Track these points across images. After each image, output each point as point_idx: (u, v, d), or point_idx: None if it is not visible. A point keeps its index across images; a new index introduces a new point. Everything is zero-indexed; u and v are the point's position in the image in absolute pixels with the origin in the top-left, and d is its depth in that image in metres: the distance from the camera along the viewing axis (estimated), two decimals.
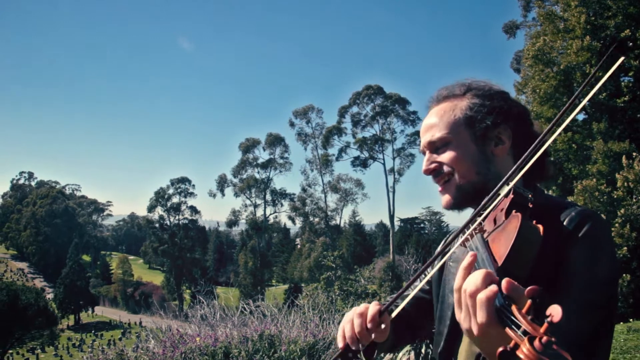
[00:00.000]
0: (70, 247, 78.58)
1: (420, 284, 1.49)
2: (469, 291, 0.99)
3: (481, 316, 0.93)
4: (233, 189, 67.40)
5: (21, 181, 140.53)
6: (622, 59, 1.14)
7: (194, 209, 77.42)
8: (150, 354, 5.99)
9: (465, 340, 1.45)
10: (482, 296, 0.93)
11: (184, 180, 76.82)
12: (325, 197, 64.77)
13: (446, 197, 1.55)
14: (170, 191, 76.04)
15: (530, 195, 1.24)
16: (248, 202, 68.25)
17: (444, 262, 1.45)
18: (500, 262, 1.08)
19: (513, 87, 23.57)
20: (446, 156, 1.52)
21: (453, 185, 1.52)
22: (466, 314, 1.01)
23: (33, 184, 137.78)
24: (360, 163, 62.10)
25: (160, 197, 75.37)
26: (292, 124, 64.41)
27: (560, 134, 1.14)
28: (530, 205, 1.22)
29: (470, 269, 1.07)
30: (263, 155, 67.34)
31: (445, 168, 1.53)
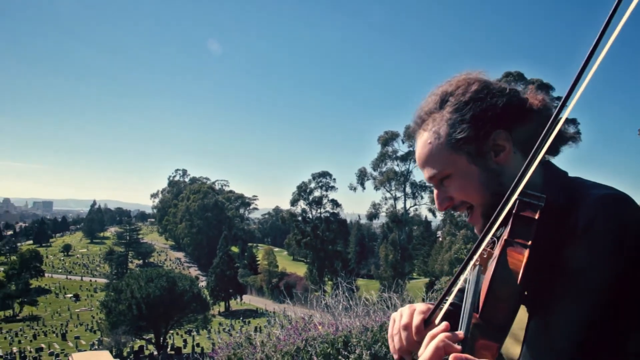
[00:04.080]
0: (220, 238, 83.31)
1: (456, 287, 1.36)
2: None
3: None
4: (373, 182, 67.82)
5: (176, 178, 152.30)
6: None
7: (335, 203, 78.82)
8: (275, 339, 6.21)
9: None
10: None
11: (325, 174, 78.44)
12: None
13: (477, 230, 1.40)
14: (312, 185, 78.04)
15: (539, 203, 1.14)
16: (388, 195, 68.38)
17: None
18: (478, 314, 1.03)
19: None
20: (453, 189, 1.37)
21: (477, 215, 1.37)
22: None
23: (187, 180, 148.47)
24: None
25: (302, 191, 77.59)
26: None
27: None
28: (537, 217, 1.11)
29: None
30: (402, 147, 66.96)
31: (459, 201, 1.38)
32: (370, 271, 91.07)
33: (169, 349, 46.02)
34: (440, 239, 68.84)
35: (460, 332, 0.98)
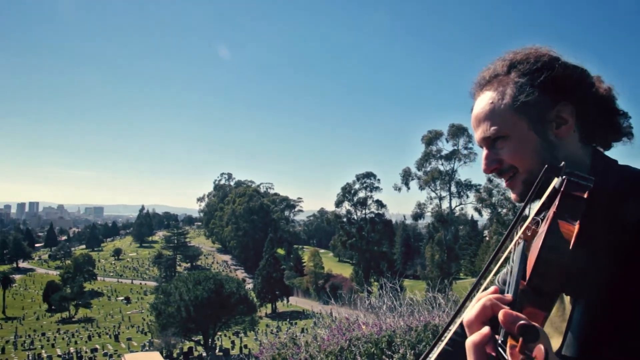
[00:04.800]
0: (266, 241, 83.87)
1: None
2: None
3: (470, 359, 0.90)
4: (418, 182, 67.39)
5: (222, 182, 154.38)
6: (555, 180, 1.04)
7: (379, 203, 78.66)
8: (319, 339, 6.24)
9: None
10: (469, 342, 0.89)
11: (369, 175, 78.35)
12: None
13: (514, 195, 1.36)
14: (357, 186, 78.13)
15: (587, 183, 1.07)
16: (433, 194, 67.83)
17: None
18: (526, 281, 0.98)
19: None
20: (506, 152, 1.32)
21: (519, 180, 1.33)
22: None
23: (232, 183, 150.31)
24: None
25: (347, 192, 77.65)
26: None
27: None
28: (586, 196, 1.05)
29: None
30: (446, 146, 66.52)
31: (508, 165, 1.33)
32: (417, 272, 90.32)
33: (217, 350, 46.65)
34: (487, 238, 67.82)
35: (509, 295, 0.95)
